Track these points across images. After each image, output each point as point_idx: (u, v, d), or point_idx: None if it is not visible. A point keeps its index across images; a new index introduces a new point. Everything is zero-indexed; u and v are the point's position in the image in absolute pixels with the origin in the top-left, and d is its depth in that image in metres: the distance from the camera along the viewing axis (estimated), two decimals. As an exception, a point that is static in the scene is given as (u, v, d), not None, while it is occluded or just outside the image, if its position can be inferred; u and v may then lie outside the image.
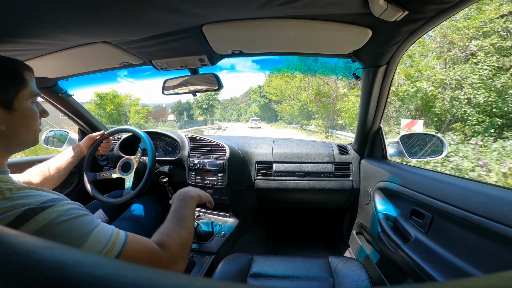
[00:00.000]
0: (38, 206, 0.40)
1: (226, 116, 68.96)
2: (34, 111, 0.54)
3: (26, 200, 0.40)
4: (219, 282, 0.15)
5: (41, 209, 0.40)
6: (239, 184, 1.31)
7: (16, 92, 0.50)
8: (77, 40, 0.74)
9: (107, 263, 0.14)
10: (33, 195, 0.42)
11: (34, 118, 0.54)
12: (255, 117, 34.82)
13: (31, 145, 0.56)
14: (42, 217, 0.39)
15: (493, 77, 5.74)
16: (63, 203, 0.44)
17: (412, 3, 0.53)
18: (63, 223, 0.41)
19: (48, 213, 0.40)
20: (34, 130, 0.55)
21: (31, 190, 0.43)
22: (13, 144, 0.52)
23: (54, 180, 0.89)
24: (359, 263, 0.86)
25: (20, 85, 0.51)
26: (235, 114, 65.84)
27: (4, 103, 0.48)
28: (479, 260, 0.58)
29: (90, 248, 0.42)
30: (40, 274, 0.12)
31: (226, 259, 0.88)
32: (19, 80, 0.51)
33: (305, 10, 0.58)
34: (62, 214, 0.42)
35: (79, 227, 0.43)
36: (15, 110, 0.50)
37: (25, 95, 0.51)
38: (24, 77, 0.52)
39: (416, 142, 1.18)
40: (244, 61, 79.89)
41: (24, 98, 0.52)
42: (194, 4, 0.53)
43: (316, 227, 1.89)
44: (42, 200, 0.42)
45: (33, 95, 0.54)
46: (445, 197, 0.68)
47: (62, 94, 1.22)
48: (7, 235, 0.15)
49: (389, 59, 0.84)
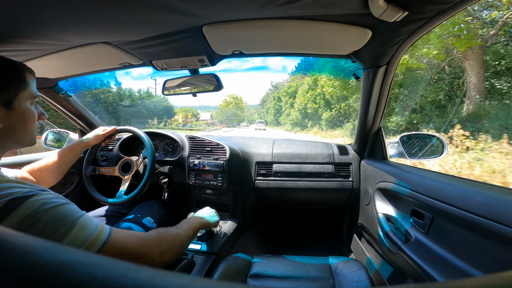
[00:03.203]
0: (22, 195, 0.41)
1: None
2: (33, 112, 0.56)
3: (8, 191, 0.41)
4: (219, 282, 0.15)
5: (25, 198, 0.41)
6: (239, 185, 1.31)
7: (16, 92, 0.51)
8: (77, 41, 0.74)
9: (107, 263, 0.14)
10: (15, 186, 0.42)
11: (32, 119, 0.56)
12: (261, 120, 41.01)
13: (27, 145, 0.57)
14: (27, 206, 0.40)
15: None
16: (45, 192, 0.45)
17: (412, 3, 0.53)
18: (49, 210, 0.42)
19: (33, 201, 0.41)
20: (31, 130, 0.56)
21: (13, 183, 0.44)
22: (8, 142, 0.53)
23: (54, 175, 0.89)
24: (359, 263, 0.86)
25: (21, 85, 0.52)
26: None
27: (4, 102, 0.49)
28: (479, 260, 0.58)
29: (78, 234, 0.43)
30: (40, 274, 0.12)
31: (226, 259, 0.88)
32: (20, 80, 0.52)
33: (305, 10, 0.58)
34: (46, 202, 0.42)
35: (66, 215, 0.44)
36: (14, 110, 0.51)
37: (25, 95, 0.53)
38: (26, 78, 0.54)
39: (416, 143, 1.18)
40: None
41: (24, 98, 0.53)
42: (194, 5, 0.53)
43: (316, 227, 1.89)
44: (26, 190, 0.42)
45: (33, 96, 0.56)
46: (445, 198, 0.68)
47: (62, 94, 1.22)
48: (7, 235, 0.15)
49: (389, 60, 0.84)
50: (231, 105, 58.34)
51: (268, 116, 45.39)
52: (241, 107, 59.92)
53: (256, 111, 62.80)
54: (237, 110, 59.18)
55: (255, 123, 39.05)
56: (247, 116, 61.17)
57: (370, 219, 1.12)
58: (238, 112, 59.09)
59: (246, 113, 61.90)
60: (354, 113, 12.68)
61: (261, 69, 67.20)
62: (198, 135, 1.40)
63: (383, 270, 1.04)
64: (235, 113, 58.23)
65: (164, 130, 1.44)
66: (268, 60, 42.82)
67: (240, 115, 58.84)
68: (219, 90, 1.06)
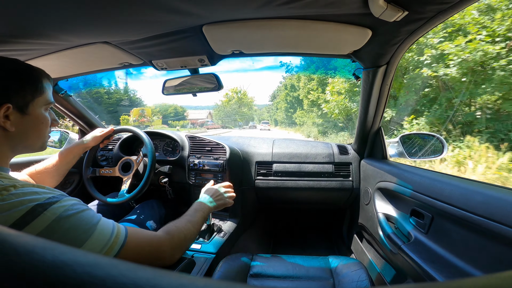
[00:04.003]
0: (46, 201, 0.42)
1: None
2: (46, 118, 0.57)
3: (33, 196, 0.42)
4: (219, 282, 0.15)
5: (49, 204, 0.42)
6: (239, 184, 1.31)
7: (33, 97, 0.52)
8: (77, 40, 0.74)
9: (107, 263, 0.14)
10: (38, 192, 0.43)
11: (45, 125, 0.57)
12: (265, 121, 41.61)
13: (38, 150, 0.58)
14: (51, 212, 0.41)
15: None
16: (66, 198, 0.46)
17: (412, 3, 0.53)
18: (71, 216, 0.43)
19: (56, 208, 0.42)
20: (43, 136, 0.57)
21: (34, 187, 0.45)
22: (20, 146, 0.54)
23: (53, 178, 0.89)
24: (359, 263, 0.86)
25: (38, 91, 0.53)
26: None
27: (19, 106, 0.50)
28: (479, 260, 0.58)
29: (98, 239, 0.45)
30: (40, 274, 0.12)
31: (226, 259, 0.88)
32: (37, 86, 0.53)
33: (305, 10, 0.58)
34: (68, 209, 0.44)
35: (86, 221, 0.45)
36: (29, 114, 0.52)
37: (40, 101, 0.54)
38: (43, 84, 0.55)
39: (416, 142, 1.18)
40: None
41: (39, 104, 0.54)
42: (194, 4, 0.53)
43: (316, 227, 1.89)
44: (47, 196, 0.43)
45: (48, 103, 0.57)
46: (445, 197, 0.68)
47: (62, 94, 1.22)
48: (7, 235, 0.15)
49: (389, 59, 0.84)
50: (233, 101, 46.97)
51: (278, 113, 35.96)
52: (246, 103, 47.99)
53: (267, 109, 56.68)
54: (241, 107, 47.47)
55: (261, 123, 38.84)
56: (257, 114, 55.00)
57: (370, 219, 1.12)
58: (242, 109, 47.46)
59: (256, 112, 54.40)
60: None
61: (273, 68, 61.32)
62: (198, 134, 1.40)
63: (383, 270, 1.04)
64: (236, 110, 47.00)
65: (165, 130, 1.44)
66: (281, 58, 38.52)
67: (246, 113, 47.93)
68: (219, 90, 1.06)
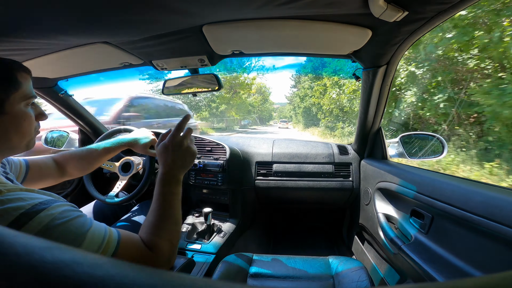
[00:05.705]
0: (32, 210, 0.39)
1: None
2: (28, 114, 0.51)
3: (18, 203, 0.39)
4: (219, 282, 0.15)
5: (35, 213, 0.39)
6: (239, 184, 1.31)
7: (7, 94, 0.47)
8: (77, 40, 0.74)
9: (107, 263, 0.14)
10: (24, 198, 0.41)
11: (27, 122, 0.51)
12: (284, 119, 38.90)
13: (24, 149, 0.53)
14: (37, 222, 0.39)
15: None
16: (55, 205, 0.43)
17: (412, 3, 0.53)
18: (59, 226, 0.40)
19: (42, 216, 0.39)
20: (28, 134, 0.52)
21: (21, 191, 0.42)
22: (3, 148, 0.50)
23: (83, 171, 0.90)
24: (359, 263, 0.86)
25: (12, 87, 0.48)
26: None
27: None
28: (479, 260, 0.58)
29: (87, 248, 0.42)
30: (40, 274, 0.12)
31: (226, 259, 0.88)
32: (10, 82, 0.48)
33: (305, 10, 0.58)
34: (56, 217, 0.41)
35: (75, 230, 0.42)
36: (6, 113, 0.47)
37: (17, 97, 0.49)
38: (17, 78, 0.49)
39: (416, 143, 1.18)
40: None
41: (17, 100, 0.49)
42: (194, 4, 0.53)
43: (316, 227, 1.89)
44: (34, 202, 0.41)
45: (28, 97, 0.51)
46: (445, 197, 0.68)
47: (62, 94, 1.22)
48: (7, 235, 0.15)
49: (389, 60, 0.84)
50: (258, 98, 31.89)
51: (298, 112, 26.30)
52: (268, 101, 37.30)
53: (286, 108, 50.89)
54: (263, 104, 34.43)
55: (279, 121, 37.34)
56: (277, 112, 48.35)
57: (370, 219, 1.12)
58: (264, 106, 34.74)
59: (274, 109, 45.90)
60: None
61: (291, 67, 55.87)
62: (198, 134, 1.40)
63: (383, 270, 1.04)
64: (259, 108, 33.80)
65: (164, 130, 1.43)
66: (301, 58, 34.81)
67: (266, 110, 36.66)
68: (219, 90, 1.07)
